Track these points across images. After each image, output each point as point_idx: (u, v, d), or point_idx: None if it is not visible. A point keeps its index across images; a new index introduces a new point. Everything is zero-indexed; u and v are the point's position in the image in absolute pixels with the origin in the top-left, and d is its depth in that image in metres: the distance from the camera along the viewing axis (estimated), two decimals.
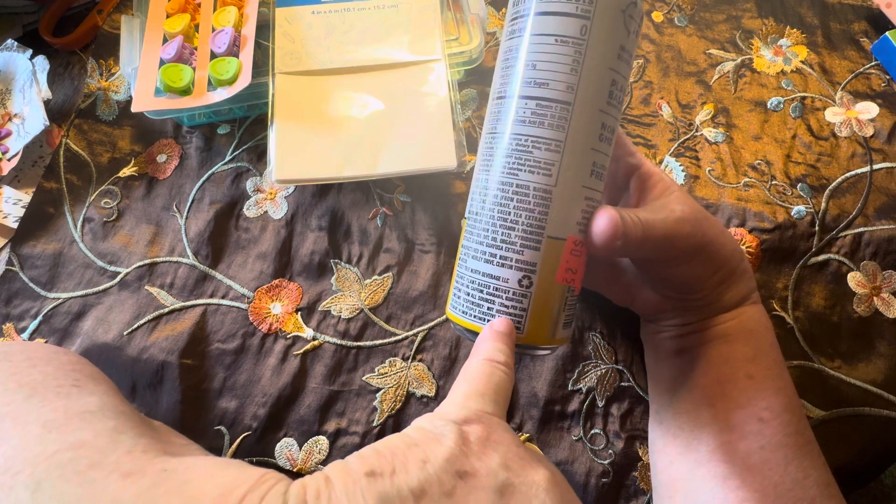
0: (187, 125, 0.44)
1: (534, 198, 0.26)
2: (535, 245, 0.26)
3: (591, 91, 0.26)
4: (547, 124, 0.25)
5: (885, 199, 0.40)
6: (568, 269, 0.27)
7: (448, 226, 0.41)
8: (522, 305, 0.26)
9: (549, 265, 0.26)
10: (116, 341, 0.38)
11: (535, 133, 0.26)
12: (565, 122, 0.25)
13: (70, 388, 0.25)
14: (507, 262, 0.26)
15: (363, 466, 0.19)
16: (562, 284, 0.27)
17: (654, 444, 0.33)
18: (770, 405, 0.29)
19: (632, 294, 0.34)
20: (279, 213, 0.41)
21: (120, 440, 0.22)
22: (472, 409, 0.21)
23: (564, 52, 0.25)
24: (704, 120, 0.43)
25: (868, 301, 0.38)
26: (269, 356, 0.38)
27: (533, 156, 0.26)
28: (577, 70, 0.25)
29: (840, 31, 0.46)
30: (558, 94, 0.25)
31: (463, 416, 0.21)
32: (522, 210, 0.26)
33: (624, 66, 0.26)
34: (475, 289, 0.27)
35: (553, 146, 0.26)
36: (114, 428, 0.22)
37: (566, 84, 0.25)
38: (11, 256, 0.40)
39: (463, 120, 0.43)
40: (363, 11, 0.42)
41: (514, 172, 0.26)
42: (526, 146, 0.26)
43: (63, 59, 0.47)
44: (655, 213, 0.28)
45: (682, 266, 0.30)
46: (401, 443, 0.20)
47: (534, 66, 0.26)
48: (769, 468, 0.28)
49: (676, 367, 0.32)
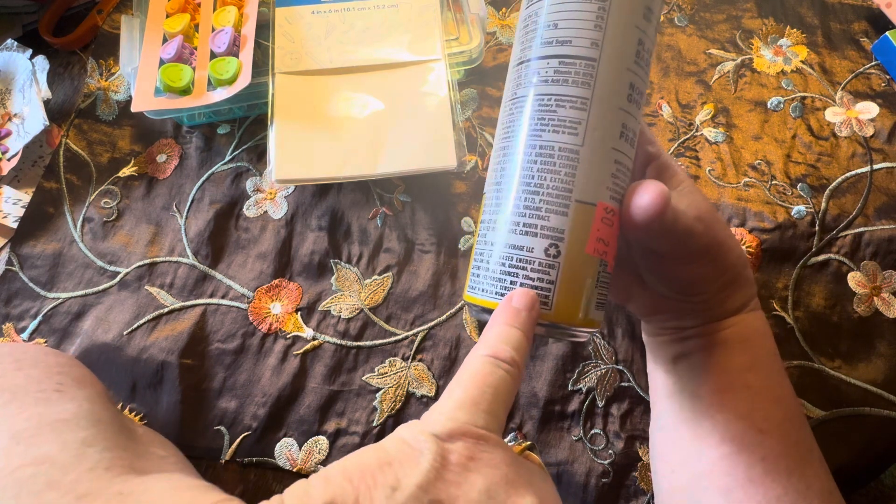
0: (187, 125, 0.44)
1: (559, 158, 0.24)
2: (562, 210, 0.24)
3: (618, 47, 0.24)
4: (571, 81, 0.24)
5: (886, 199, 0.40)
6: (599, 240, 0.24)
7: (448, 226, 0.41)
8: (550, 277, 0.24)
9: (578, 233, 0.24)
10: (116, 341, 0.38)
11: (559, 91, 0.24)
12: (591, 78, 0.24)
13: (51, 392, 0.25)
14: (531, 229, 0.24)
15: (323, 495, 0.17)
16: (593, 256, 0.24)
17: (655, 449, 0.33)
18: (769, 415, 0.29)
19: (629, 291, 0.34)
20: (279, 213, 0.41)
21: (86, 455, 0.21)
22: (459, 422, 0.19)
23: (587, 9, 0.24)
24: (704, 120, 0.43)
25: (868, 301, 0.38)
26: (269, 356, 0.38)
27: (557, 114, 0.24)
28: (601, 26, 0.24)
29: (840, 31, 0.46)
30: (582, 51, 0.24)
31: (448, 429, 0.19)
32: (547, 172, 0.24)
33: (651, 28, 0.25)
34: (497, 262, 0.25)
35: (579, 104, 0.24)
36: (83, 440, 0.22)
37: (590, 40, 0.24)
38: (11, 256, 0.40)
39: (463, 120, 0.43)
40: (363, 11, 0.42)
41: (538, 133, 0.24)
42: (549, 105, 0.24)
43: (63, 59, 0.47)
44: (678, 200, 0.27)
45: (689, 265, 0.29)
46: (374, 460, 0.18)
47: (555, 26, 0.25)
48: (771, 480, 0.28)
49: (675, 374, 0.32)
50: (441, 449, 0.18)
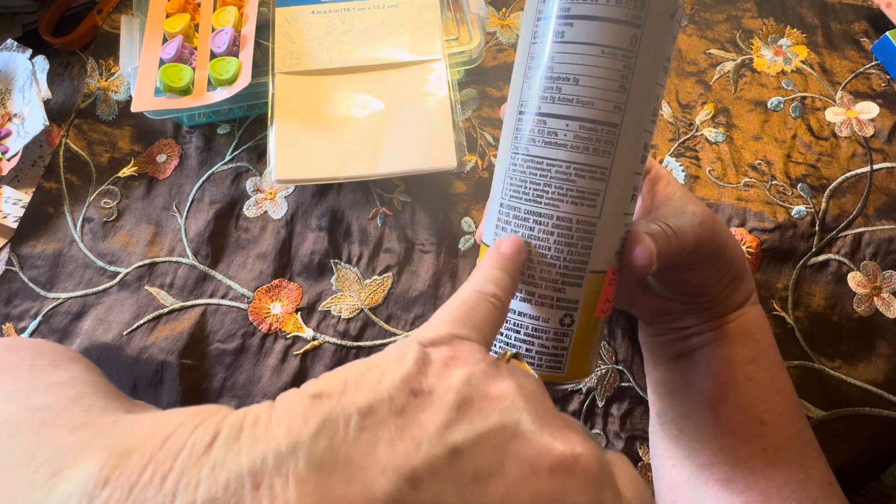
0: (187, 125, 0.44)
1: (577, 231, 0.23)
2: (577, 282, 0.24)
3: (639, 110, 0.23)
4: (592, 150, 0.23)
5: (886, 199, 0.40)
6: (606, 300, 0.25)
7: (448, 226, 0.41)
8: (563, 345, 0.24)
9: (590, 301, 0.24)
10: (116, 341, 0.38)
11: (579, 160, 0.23)
12: (612, 146, 0.23)
13: (45, 366, 0.25)
14: (545, 300, 0.24)
15: (313, 389, 0.17)
16: (600, 317, 0.25)
17: (656, 447, 0.33)
18: (770, 407, 0.29)
19: (631, 297, 0.34)
20: (279, 213, 0.41)
21: (80, 401, 0.21)
22: (442, 332, 0.20)
23: (613, 66, 0.22)
24: (705, 120, 0.43)
25: (868, 301, 0.38)
26: (269, 356, 0.38)
27: (577, 185, 0.23)
28: (625, 87, 0.22)
29: (840, 31, 0.46)
30: (605, 116, 0.22)
31: (430, 337, 0.19)
32: (564, 245, 0.23)
33: (665, 77, 0.24)
34: (510, 329, 0.24)
35: (598, 174, 0.23)
36: (78, 393, 0.22)
37: (614, 104, 0.22)
38: (11, 256, 0.40)
39: (463, 120, 0.43)
40: (363, 11, 0.41)
41: (556, 204, 0.23)
42: (569, 175, 0.23)
43: (63, 59, 0.47)
44: (678, 216, 0.27)
45: (698, 269, 0.29)
46: (362, 365, 0.18)
47: (576, 82, 0.22)
48: (772, 471, 0.28)
49: (676, 371, 0.32)
50: (423, 350, 0.19)
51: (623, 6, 0.22)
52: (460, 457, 0.16)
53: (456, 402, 0.17)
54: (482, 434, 0.17)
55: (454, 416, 0.17)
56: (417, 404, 0.17)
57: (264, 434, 0.16)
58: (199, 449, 0.16)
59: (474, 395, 0.17)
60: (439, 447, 0.16)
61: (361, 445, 0.16)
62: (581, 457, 0.17)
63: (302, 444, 0.15)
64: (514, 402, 0.18)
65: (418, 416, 0.17)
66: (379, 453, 0.16)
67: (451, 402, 0.17)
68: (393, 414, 0.17)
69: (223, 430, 0.16)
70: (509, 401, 0.18)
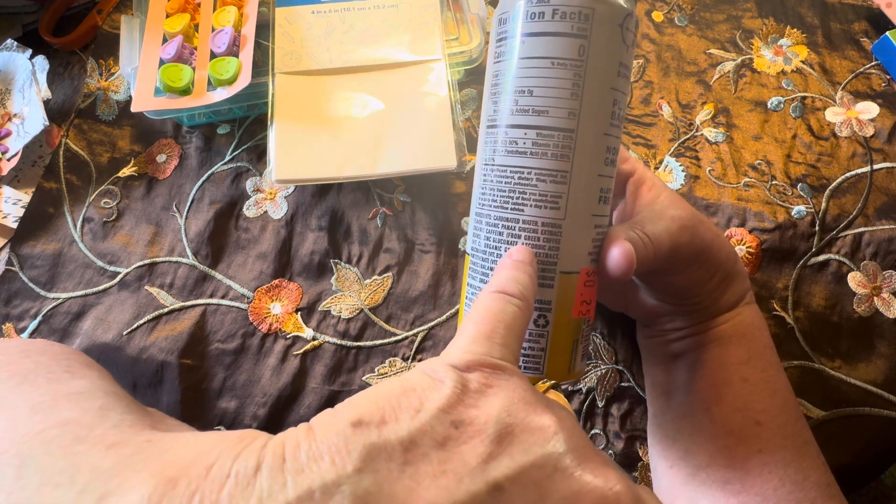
0: (187, 125, 0.44)
1: (543, 234, 0.24)
2: (548, 283, 0.25)
3: (594, 115, 0.24)
4: (550, 154, 0.24)
5: (886, 199, 0.40)
6: (583, 302, 0.26)
7: (448, 226, 0.41)
8: (540, 345, 0.25)
9: (564, 301, 0.25)
10: (116, 341, 0.38)
11: (539, 165, 0.24)
12: (569, 150, 0.24)
13: (62, 374, 0.26)
14: None
15: (351, 415, 0.17)
16: (578, 318, 0.26)
17: (654, 448, 0.33)
18: (766, 408, 0.29)
19: (626, 299, 0.34)
20: (279, 213, 0.41)
21: (107, 416, 0.22)
22: (476, 354, 0.19)
23: (563, 76, 0.24)
24: (705, 120, 0.43)
25: (868, 301, 0.38)
26: (269, 356, 0.38)
27: (539, 189, 0.24)
28: (577, 94, 0.24)
29: (840, 31, 0.46)
30: (560, 122, 0.24)
31: (465, 361, 0.19)
32: (531, 247, 0.25)
33: (623, 82, 0.25)
34: None
35: (559, 177, 0.24)
36: (102, 406, 0.23)
37: (567, 110, 0.24)
38: (11, 256, 0.40)
39: (463, 120, 0.43)
40: (363, 11, 0.41)
41: (520, 208, 0.25)
42: (530, 179, 0.24)
43: (63, 58, 0.47)
44: (656, 222, 0.27)
45: (681, 273, 0.29)
46: (398, 387, 0.18)
47: (530, 93, 0.24)
48: (768, 471, 0.28)
49: (672, 372, 0.32)
50: (461, 377, 0.19)
51: (568, 20, 0.24)
52: (501, 492, 0.16)
53: (497, 434, 0.17)
54: (523, 469, 0.17)
55: (495, 450, 0.17)
56: (458, 436, 0.17)
57: (307, 465, 0.16)
58: (243, 479, 0.16)
59: (515, 426, 0.18)
60: (481, 483, 0.16)
61: (405, 480, 0.16)
62: (620, 495, 0.17)
63: (347, 479, 0.16)
64: (556, 437, 0.18)
65: (459, 448, 0.17)
66: (422, 489, 0.16)
67: (491, 434, 0.17)
68: (435, 447, 0.17)
69: (265, 460, 0.17)
70: (550, 434, 0.18)
